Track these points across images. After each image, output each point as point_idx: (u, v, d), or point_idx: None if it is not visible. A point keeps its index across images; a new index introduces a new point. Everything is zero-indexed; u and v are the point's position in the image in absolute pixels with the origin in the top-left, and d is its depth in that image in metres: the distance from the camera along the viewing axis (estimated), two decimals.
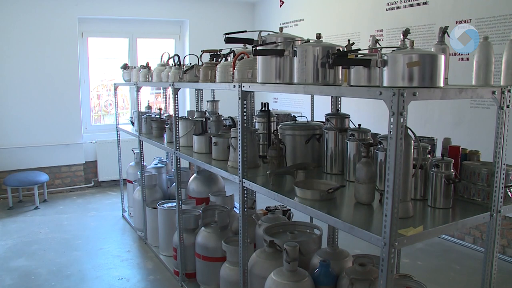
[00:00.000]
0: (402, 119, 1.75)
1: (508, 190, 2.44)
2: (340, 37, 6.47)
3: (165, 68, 4.53)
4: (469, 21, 4.87)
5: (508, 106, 2.23)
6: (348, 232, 2.02)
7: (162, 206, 4.68)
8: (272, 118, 3.49)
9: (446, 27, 2.82)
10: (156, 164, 5.75)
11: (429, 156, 2.50)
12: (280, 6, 8.11)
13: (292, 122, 3.40)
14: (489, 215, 2.27)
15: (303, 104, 7.33)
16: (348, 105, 4.27)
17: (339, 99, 3.46)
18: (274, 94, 8.20)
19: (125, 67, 6.03)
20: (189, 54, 5.30)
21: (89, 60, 7.93)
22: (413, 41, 2.08)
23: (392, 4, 5.82)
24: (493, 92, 2.19)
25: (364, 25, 6.26)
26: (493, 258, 2.33)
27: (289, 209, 3.95)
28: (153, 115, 5.49)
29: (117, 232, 5.69)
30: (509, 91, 2.22)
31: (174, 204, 4.38)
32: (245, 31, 2.84)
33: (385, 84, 1.97)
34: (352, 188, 2.39)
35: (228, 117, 4.35)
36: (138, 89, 5.24)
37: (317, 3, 7.27)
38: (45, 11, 7.13)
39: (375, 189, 2.32)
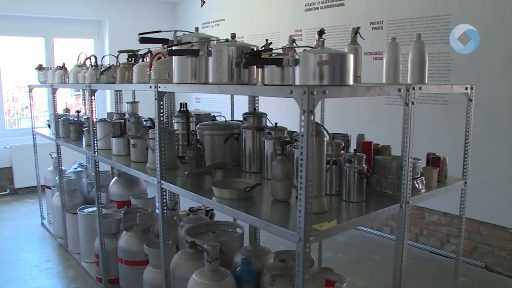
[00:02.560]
0: (312, 117, 1.79)
1: (415, 182, 2.57)
2: (261, 37, 6.53)
3: (82, 69, 4.38)
4: (381, 22, 5.10)
5: (413, 103, 2.35)
6: (264, 229, 2.05)
7: (82, 211, 4.53)
8: (191, 118, 3.47)
9: (358, 28, 2.94)
10: (75, 168, 5.55)
11: (343, 152, 2.58)
12: (202, 6, 8.08)
13: (210, 122, 3.40)
14: (399, 206, 2.38)
15: (225, 104, 7.34)
16: (270, 104, 4.33)
17: (257, 98, 3.51)
18: (196, 94, 8.17)
19: (40, 68, 5.77)
20: (108, 55, 5.15)
21: (0, 60, 7.49)
22: (324, 40, 2.15)
23: (310, 5, 5.97)
24: (399, 90, 2.30)
25: (283, 25, 6.38)
26: (403, 245, 2.44)
27: (212, 209, 3.94)
28: (70, 118, 5.30)
29: (36, 241, 5.43)
30: (413, 88, 2.35)
31: (95, 208, 4.25)
32: (160, 31, 2.80)
33: (297, 82, 2.01)
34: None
35: (148, 118, 4.27)
36: (54, 91, 5.03)
37: (238, 3, 7.32)
38: None
39: (292, 186, 2.36)
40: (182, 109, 3.52)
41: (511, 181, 4.26)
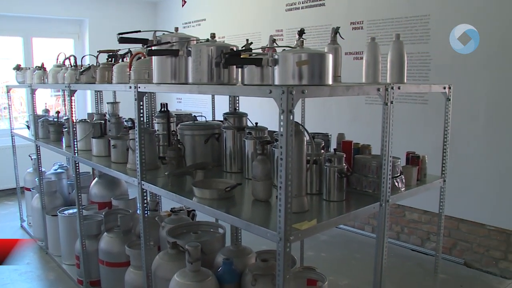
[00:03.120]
0: (291, 116, 1.79)
1: (395, 181, 2.60)
2: (242, 37, 6.49)
3: (61, 69, 4.34)
4: (361, 22, 5.14)
5: (392, 102, 2.37)
6: (245, 229, 2.05)
7: (63, 213, 4.47)
8: (171, 119, 3.46)
9: (338, 28, 2.95)
10: (56, 170, 5.48)
11: (323, 151, 2.59)
12: (183, 5, 8.05)
13: (191, 122, 3.39)
14: (379, 205, 2.40)
15: (206, 104, 7.31)
16: (252, 104, 4.33)
17: (237, 98, 3.51)
18: (177, 95, 8.13)
19: (18, 68, 5.70)
20: (88, 55, 5.10)
21: None
22: (303, 40, 2.15)
23: (291, 5, 5.99)
24: (378, 89, 2.32)
25: (264, 25, 6.39)
26: (384, 243, 2.47)
27: (194, 210, 3.93)
28: (50, 119, 5.23)
29: None
30: (392, 88, 2.37)
31: (76, 210, 4.21)
32: (140, 31, 2.78)
33: (276, 82, 2.02)
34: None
35: (129, 118, 4.24)
36: (33, 92, 4.97)
37: (219, 3, 7.31)
38: None
39: (272, 185, 2.37)
40: (162, 109, 3.50)
41: (489, 178, 4.32)
